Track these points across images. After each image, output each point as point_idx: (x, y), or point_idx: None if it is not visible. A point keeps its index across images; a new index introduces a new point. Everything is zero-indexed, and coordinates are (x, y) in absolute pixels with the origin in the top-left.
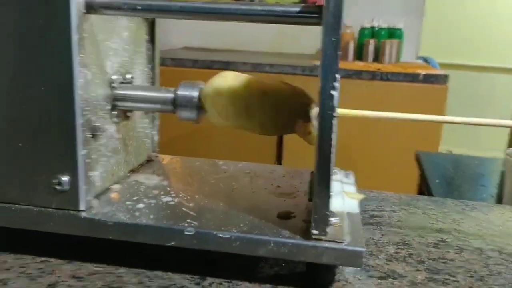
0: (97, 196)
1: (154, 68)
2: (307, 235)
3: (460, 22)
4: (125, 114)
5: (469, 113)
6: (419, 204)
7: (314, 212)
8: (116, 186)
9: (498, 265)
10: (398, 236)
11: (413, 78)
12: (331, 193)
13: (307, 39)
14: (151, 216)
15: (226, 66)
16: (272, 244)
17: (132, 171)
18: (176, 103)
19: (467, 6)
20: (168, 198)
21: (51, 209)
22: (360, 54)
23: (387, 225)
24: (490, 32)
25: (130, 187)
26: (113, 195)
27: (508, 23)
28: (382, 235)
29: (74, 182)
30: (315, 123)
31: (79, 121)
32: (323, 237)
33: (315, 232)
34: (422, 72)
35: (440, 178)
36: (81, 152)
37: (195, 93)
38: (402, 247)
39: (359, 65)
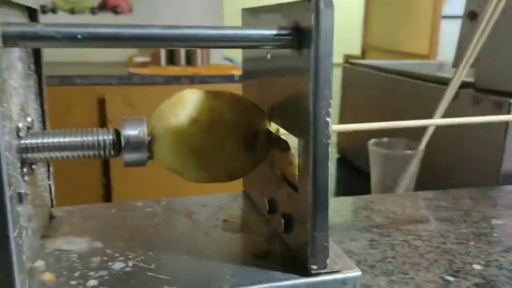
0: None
1: (42, 103)
2: (303, 271)
3: None
4: (31, 168)
5: None
6: None
7: (313, 247)
8: (40, 263)
9: (429, 253)
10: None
11: (228, 79)
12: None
13: (115, 48)
14: None
15: None
16: None
17: (42, 237)
18: (122, 146)
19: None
20: (119, 264)
21: None
22: (172, 59)
23: None
24: None
25: (58, 261)
26: (47, 277)
27: None
28: None
29: (7, 274)
30: (294, 151)
31: (8, 193)
32: (322, 271)
33: (314, 267)
34: (236, 73)
35: None
36: (12, 233)
37: (145, 130)
38: (347, 255)
39: (176, 70)
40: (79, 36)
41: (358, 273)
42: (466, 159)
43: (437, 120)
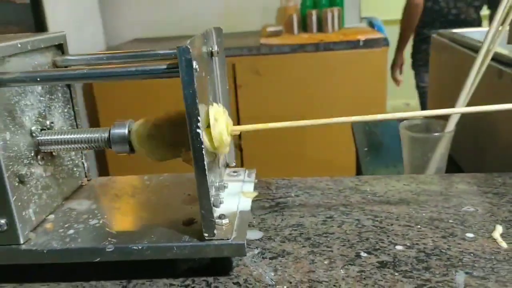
0: (35, 229)
1: (73, 107)
2: (202, 237)
3: None
4: (51, 154)
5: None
6: (321, 185)
7: (203, 220)
8: (51, 217)
9: (368, 232)
10: (295, 218)
11: (354, 45)
12: (212, 204)
13: (252, 17)
14: (79, 240)
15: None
16: (175, 249)
17: (67, 199)
18: (110, 141)
19: None
20: (94, 221)
21: None
22: (304, 26)
23: (288, 210)
24: None
25: (64, 215)
26: (48, 225)
27: None
28: (282, 219)
29: (11, 223)
30: None
31: (5, 175)
32: (212, 238)
33: (205, 235)
34: (362, 38)
35: (369, 145)
36: (11, 199)
37: (125, 131)
38: (296, 228)
39: (304, 38)
40: (38, 79)
41: (241, 242)
42: (498, 141)
43: (450, 110)
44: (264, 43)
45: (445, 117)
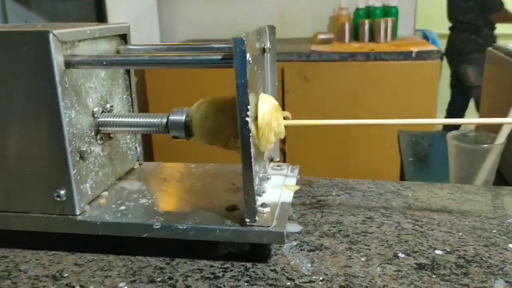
0: (90, 203)
1: (131, 94)
2: (243, 223)
3: None
4: (109, 136)
5: None
6: (362, 187)
7: (246, 206)
8: (105, 193)
9: (408, 235)
10: (335, 216)
11: (405, 56)
12: (255, 193)
13: (304, 24)
14: (129, 216)
15: None
16: (217, 231)
17: (119, 179)
18: (168, 126)
19: None
20: (144, 200)
21: (55, 215)
22: (356, 35)
23: (328, 207)
24: None
25: (116, 193)
26: (102, 200)
27: None
28: (322, 216)
29: (69, 194)
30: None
31: (68, 149)
32: (253, 224)
33: (247, 220)
34: (415, 49)
35: (414, 156)
36: (72, 172)
37: (183, 118)
38: (335, 225)
39: (355, 47)
40: (104, 62)
41: (281, 230)
42: None
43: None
44: (314, 50)
45: (496, 130)
